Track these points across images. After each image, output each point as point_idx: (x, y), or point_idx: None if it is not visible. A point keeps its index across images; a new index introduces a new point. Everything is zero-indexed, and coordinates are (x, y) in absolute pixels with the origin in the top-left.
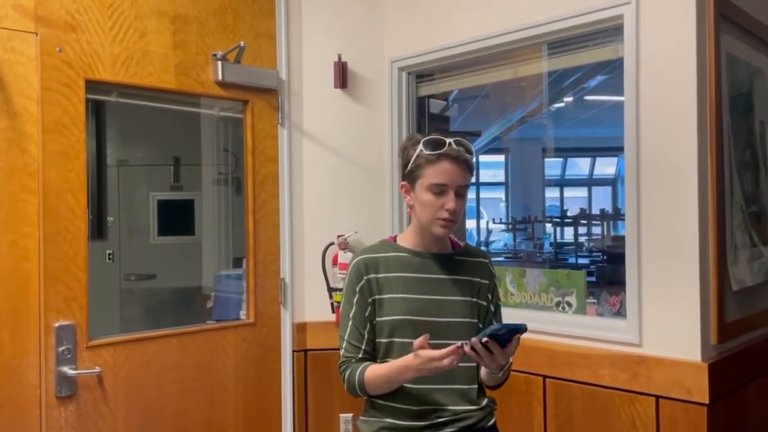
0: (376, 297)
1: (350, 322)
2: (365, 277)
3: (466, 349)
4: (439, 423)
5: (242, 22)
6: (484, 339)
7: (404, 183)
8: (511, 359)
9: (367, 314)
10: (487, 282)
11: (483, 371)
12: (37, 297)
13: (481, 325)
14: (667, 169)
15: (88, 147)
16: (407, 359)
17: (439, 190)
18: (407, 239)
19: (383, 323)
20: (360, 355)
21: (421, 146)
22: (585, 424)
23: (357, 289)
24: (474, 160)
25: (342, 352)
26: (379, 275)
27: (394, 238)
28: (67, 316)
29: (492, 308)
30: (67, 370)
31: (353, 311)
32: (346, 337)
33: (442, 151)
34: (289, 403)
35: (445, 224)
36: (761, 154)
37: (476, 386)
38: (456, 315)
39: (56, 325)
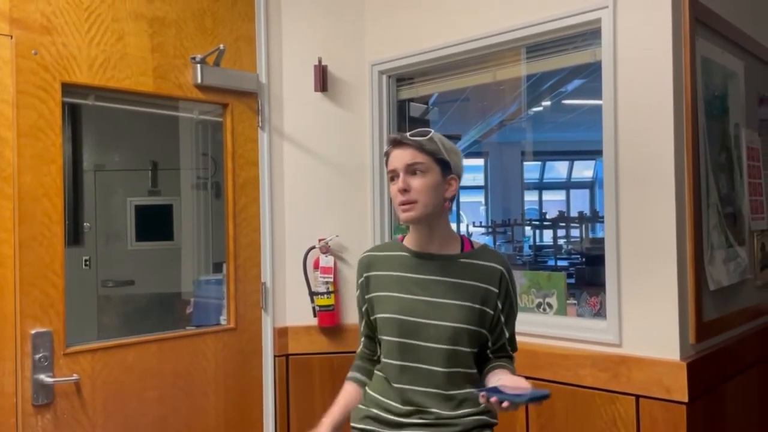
0: (372, 294)
1: (359, 319)
2: (364, 275)
3: (482, 399)
4: (421, 424)
5: (221, 25)
6: (505, 404)
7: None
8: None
9: (364, 310)
10: (496, 290)
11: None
12: (12, 303)
13: (487, 333)
14: (645, 172)
15: (64, 151)
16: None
17: (392, 176)
18: (409, 240)
19: (378, 321)
20: (358, 351)
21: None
22: (567, 425)
23: (357, 285)
24: (429, 140)
25: None
26: (377, 272)
27: (403, 239)
28: (44, 322)
29: (502, 318)
30: (44, 377)
31: (358, 307)
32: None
33: (390, 145)
34: (271, 408)
35: (404, 208)
36: (736, 156)
37: (469, 392)
38: (447, 319)
39: (32, 332)
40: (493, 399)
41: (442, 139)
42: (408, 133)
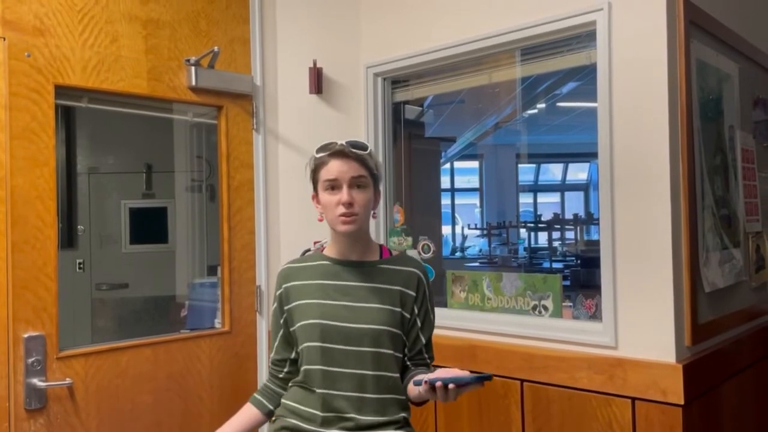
0: (292, 305)
1: (272, 336)
2: (283, 286)
3: (423, 387)
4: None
5: (216, 27)
6: (451, 385)
7: (313, 193)
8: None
9: (281, 324)
10: (413, 293)
11: (412, 390)
12: (5, 307)
13: (405, 337)
14: (640, 174)
15: (57, 154)
16: None
17: (331, 185)
18: (330, 249)
19: (298, 330)
20: (271, 371)
21: (313, 153)
22: (563, 427)
23: (275, 297)
24: (369, 155)
25: None
26: (295, 283)
27: (324, 249)
28: (37, 326)
29: (419, 322)
30: (37, 381)
31: (272, 323)
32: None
33: (330, 151)
34: None
35: (345, 219)
36: (731, 159)
37: (394, 397)
38: (370, 322)
39: (25, 335)
40: (438, 384)
41: (373, 153)
42: (349, 145)
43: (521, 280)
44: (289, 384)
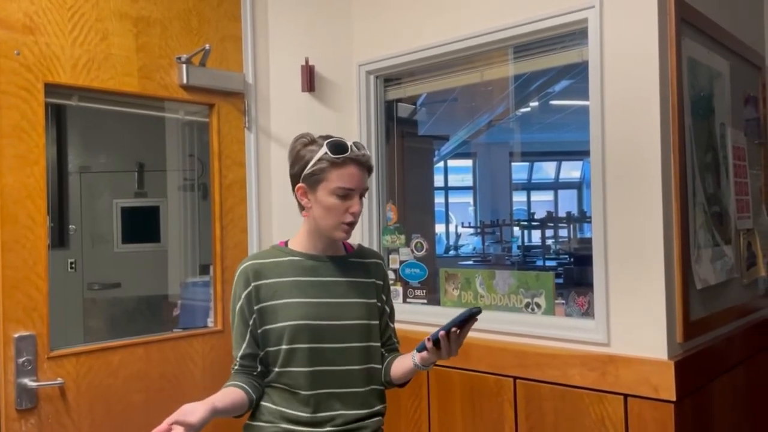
0: (265, 305)
1: (234, 333)
2: (253, 284)
3: (428, 344)
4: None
5: (207, 24)
6: (453, 328)
7: (302, 186)
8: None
9: (250, 324)
10: (381, 283)
11: (400, 369)
12: None
13: (379, 326)
14: (632, 172)
15: (48, 153)
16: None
17: (345, 193)
18: (299, 243)
19: (277, 330)
20: (236, 367)
21: (325, 149)
22: (556, 425)
23: (243, 296)
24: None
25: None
26: (269, 281)
27: (286, 243)
28: (27, 326)
29: (387, 309)
30: (28, 381)
31: (236, 321)
32: (233, 348)
33: (348, 155)
34: None
35: (347, 228)
36: (722, 156)
37: (375, 388)
38: (353, 317)
39: (16, 335)
40: (442, 333)
41: None
42: (357, 149)
43: (514, 277)
44: (270, 383)
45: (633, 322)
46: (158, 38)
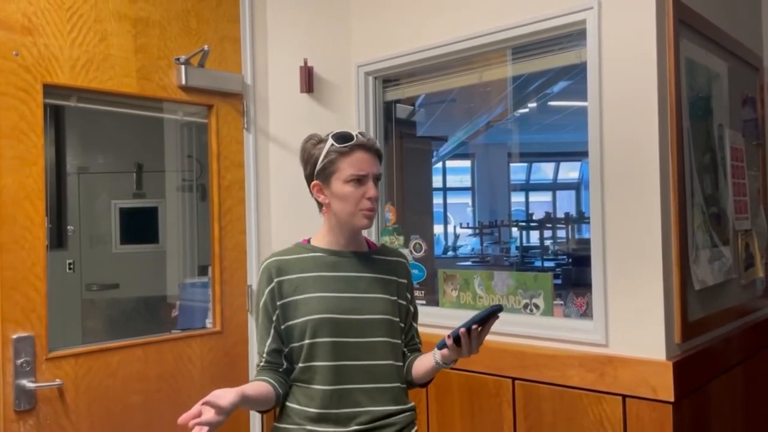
0: (288, 300)
1: (258, 329)
2: (275, 280)
3: (449, 342)
4: (358, 430)
5: (206, 25)
6: (474, 326)
7: (316, 182)
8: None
9: (274, 319)
10: (405, 281)
11: (421, 368)
12: None
13: (402, 324)
14: (630, 173)
15: (46, 153)
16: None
17: (358, 178)
18: (321, 240)
19: (299, 325)
20: (262, 364)
21: (331, 141)
22: (554, 425)
23: (266, 292)
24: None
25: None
26: (291, 276)
27: (308, 240)
28: (26, 327)
29: (411, 309)
30: (26, 383)
31: (261, 317)
32: (258, 344)
33: (353, 142)
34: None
35: (368, 214)
36: (720, 157)
37: (403, 385)
38: (376, 312)
39: (14, 336)
40: (462, 331)
41: None
42: (368, 138)
43: (513, 278)
44: (290, 383)
45: (631, 322)
46: (157, 39)
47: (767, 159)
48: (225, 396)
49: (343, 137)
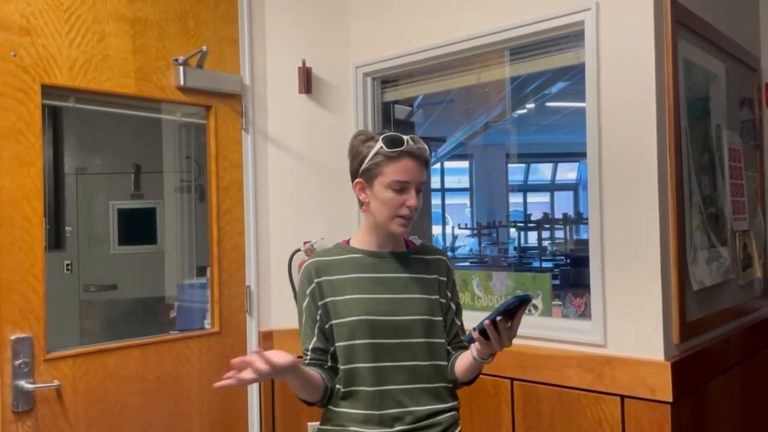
0: (328, 300)
1: (303, 329)
2: (315, 281)
3: (474, 335)
4: (401, 431)
5: (204, 26)
6: (498, 317)
7: (359, 180)
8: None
9: (317, 319)
10: (445, 279)
11: (463, 365)
12: None
13: (444, 323)
14: (628, 173)
15: (44, 154)
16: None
17: (401, 187)
18: (360, 240)
19: (340, 326)
20: (308, 360)
21: (380, 143)
22: (553, 426)
23: (308, 293)
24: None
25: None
26: (330, 277)
27: (348, 242)
28: (24, 328)
29: (453, 306)
30: (24, 383)
31: (304, 317)
32: (302, 344)
33: (403, 148)
34: (256, 412)
35: (404, 222)
36: (718, 158)
37: (448, 385)
38: (415, 313)
39: (12, 337)
40: (486, 323)
41: None
42: (413, 142)
43: (511, 279)
44: (335, 385)
45: (630, 323)
46: (155, 40)
47: (765, 160)
48: (282, 356)
49: (393, 141)
